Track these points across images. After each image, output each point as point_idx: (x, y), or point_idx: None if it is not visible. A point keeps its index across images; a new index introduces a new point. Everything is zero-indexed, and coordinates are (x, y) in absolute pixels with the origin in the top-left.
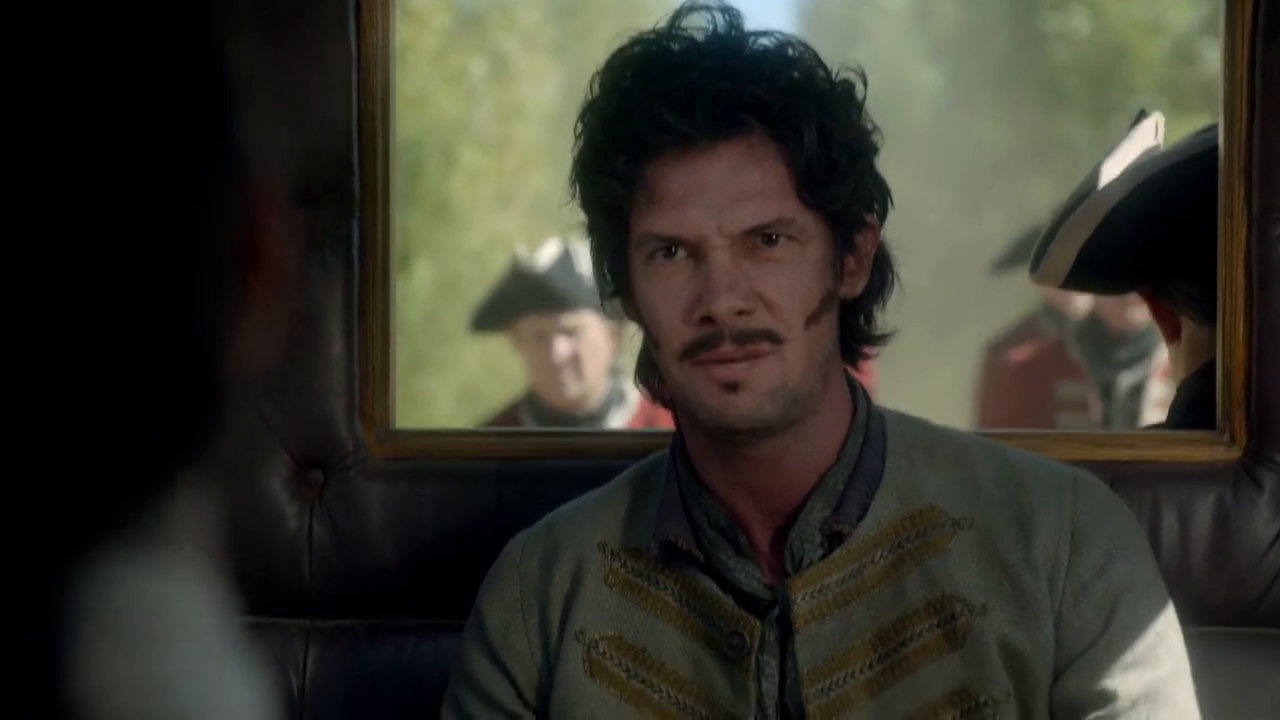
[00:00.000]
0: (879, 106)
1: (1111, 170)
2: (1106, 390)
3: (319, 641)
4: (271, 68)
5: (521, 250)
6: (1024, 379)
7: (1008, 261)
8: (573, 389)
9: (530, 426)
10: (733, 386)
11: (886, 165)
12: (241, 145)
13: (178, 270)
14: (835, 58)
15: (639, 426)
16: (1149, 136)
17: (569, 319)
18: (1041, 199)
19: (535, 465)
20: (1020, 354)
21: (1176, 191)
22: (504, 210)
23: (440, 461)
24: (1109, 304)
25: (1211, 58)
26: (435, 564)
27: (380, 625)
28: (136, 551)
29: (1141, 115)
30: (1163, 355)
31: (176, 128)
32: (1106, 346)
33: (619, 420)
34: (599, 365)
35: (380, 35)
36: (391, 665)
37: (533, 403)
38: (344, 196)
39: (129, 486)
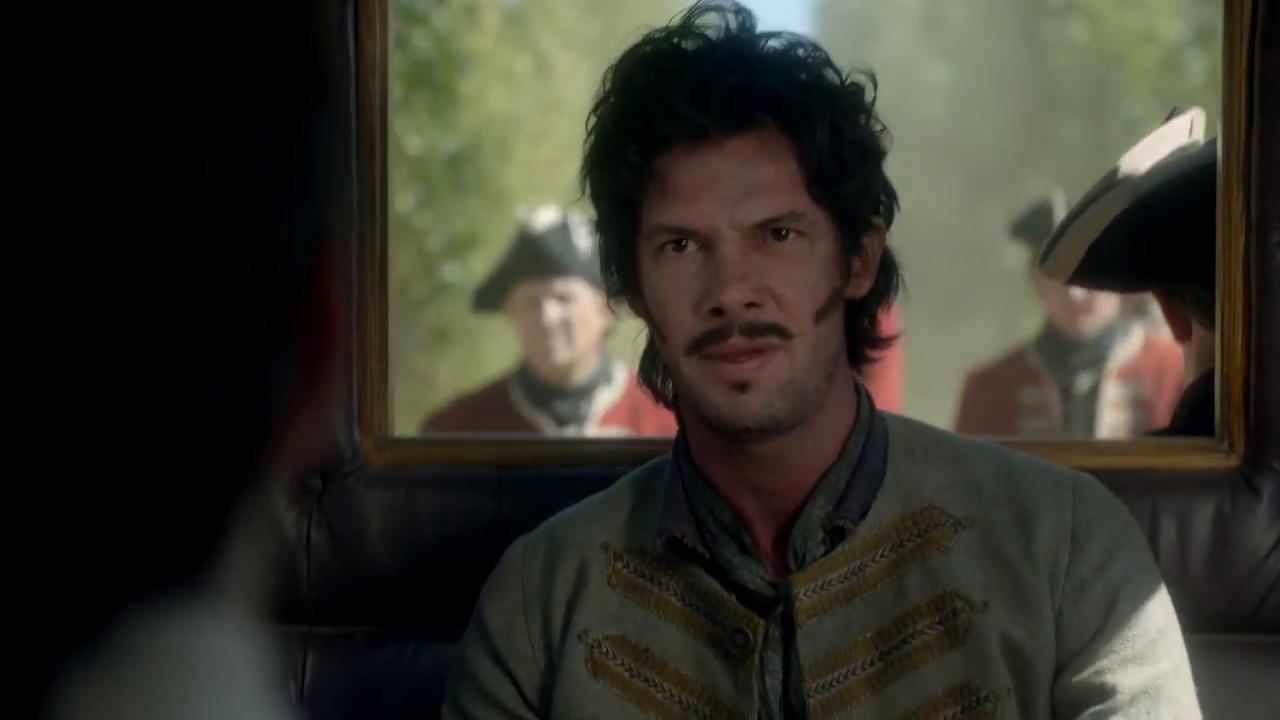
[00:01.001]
0: (891, 103)
1: (1134, 163)
2: (1065, 393)
3: (317, 648)
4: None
5: (522, 210)
6: (986, 387)
7: (1021, 228)
8: (562, 354)
9: (526, 434)
10: (742, 386)
11: (897, 158)
12: (240, 155)
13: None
14: (850, 53)
15: (625, 408)
16: (1182, 134)
17: (561, 284)
18: (1037, 196)
19: (533, 473)
20: (978, 366)
21: (1188, 197)
22: (544, 197)
23: (438, 469)
24: (1061, 313)
25: (1197, 67)
26: (433, 571)
27: (379, 632)
28: (183, 599)
29: (1175, 112)
30: (1117, 359)
31: (174, 132)
32: (1063, 352)
33: (606, 399)
34: (589, 335)
35: (378, 46)
36: (390, 672)
37: (523, 375)
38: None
39: (179, 533)
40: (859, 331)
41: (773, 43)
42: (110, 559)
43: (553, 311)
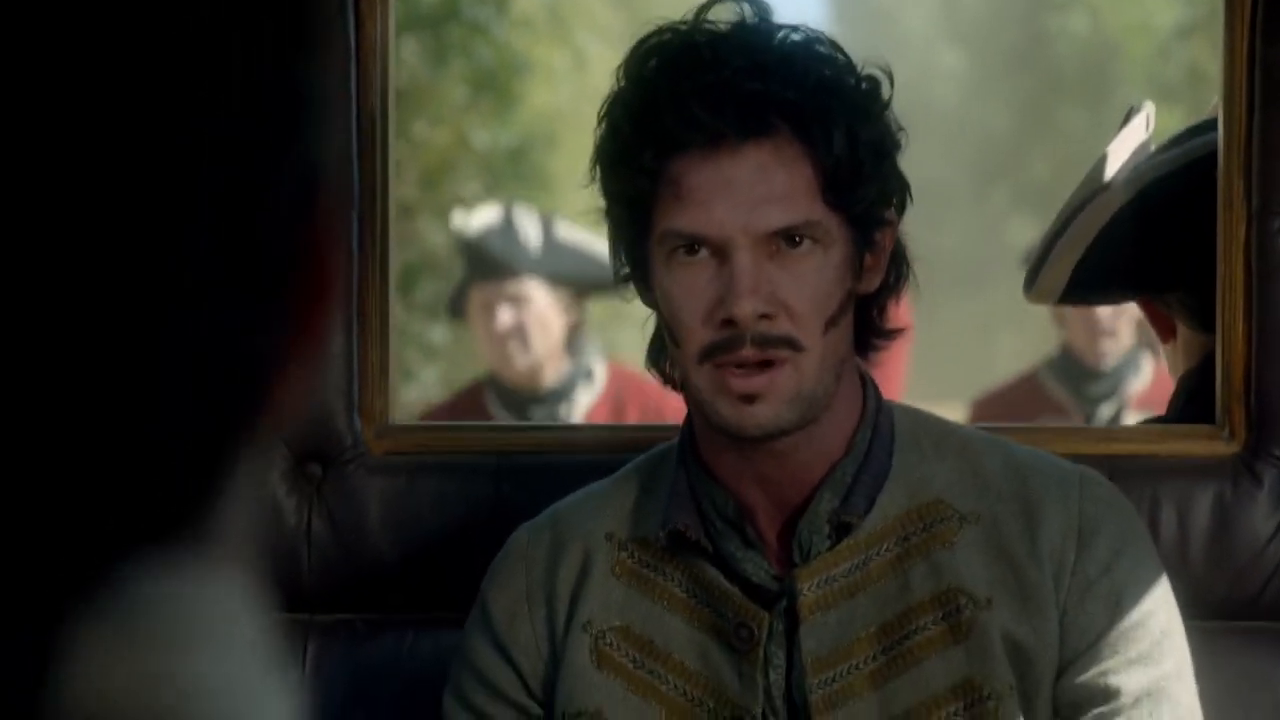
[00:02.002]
0: (908, 85)
1: (1105, 172)
2: (1088, 422)
3: (318, 636)
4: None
5: (459, 215)
6: (998, 415)
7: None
8: (519, 360)
9: (526, 422)
10: (750, 399)
11: (914, 138)
12: (239, 146)
13: (182, 276)
14: (867, 36)
15: (607, 405)
16: (1140, 131)
17: (512, 286)
18: (1041, 178)
19: (533, 460)
20: (985, 392)
21: (1167, 206)
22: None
23: (439, 456)
24: (1082, 338)
25: (1184, 56)
26: (434, 558)
27: (379, 619)
28: (169, 553)
29: (1131, 112)
30: (1134, 388)
31: (173, 128)
32: (1081, 381)
33: (586, 399)
34: (549, 337)
35: (378, 30)
36: (391, 659)
37: (495, 381)
38: (343, 191)
39: (163, 489)
40: (867, 322)
41: (791, 37)
42: (109, 516)
43: (505, 316)
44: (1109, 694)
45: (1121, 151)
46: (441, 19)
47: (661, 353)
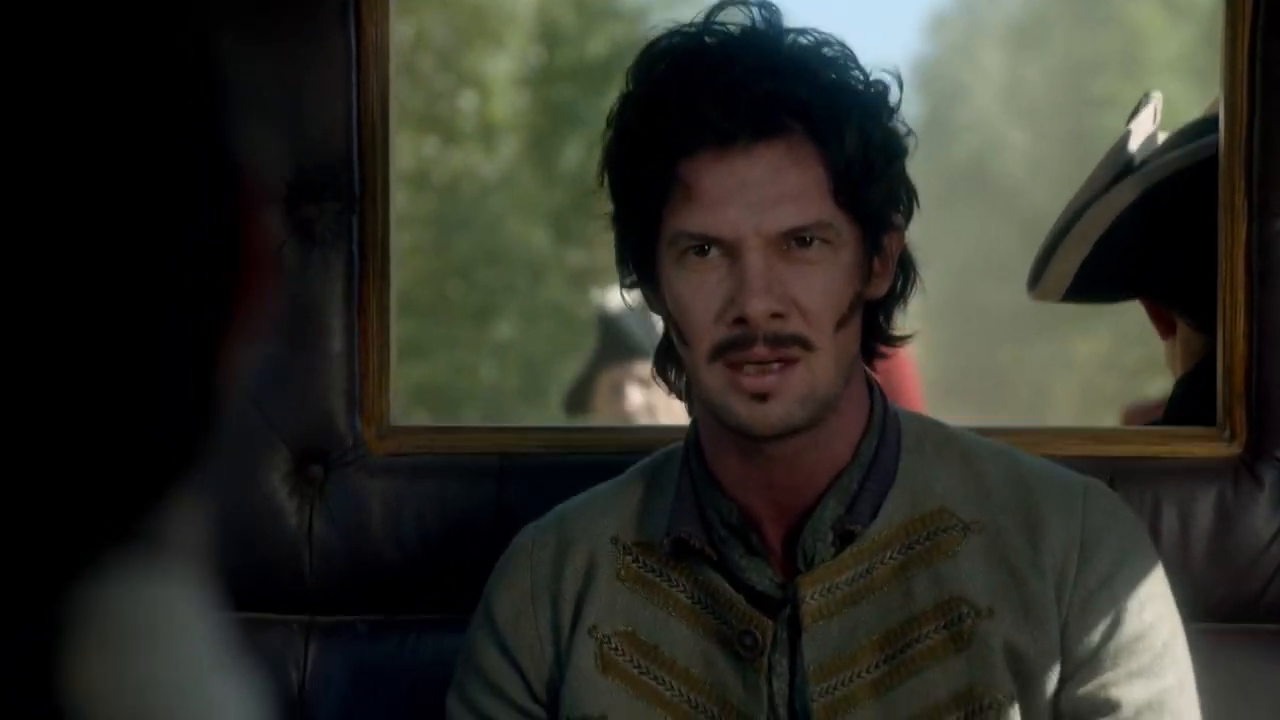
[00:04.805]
0: (977, 157)
1: (1130, 145)
2: None
3: (319, 637)
4: (271, 64)
5: (597, 293)
6: None
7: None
8: None
9: (530, 423)
10: (763, 397)
11: (980, 208)
12: (238, 143)
13: (172, 271)
14: (948, 111)
15: None
16: (1147, 123)
17: (642, 367)
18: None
19: (536, 461)
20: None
21: (1171, 207)
22: None
23: (440, 457)
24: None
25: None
26: (435, 559)
27: (381, 621)
28: (132, 556)
29: (1143, 101)
30: None
31: (172, 125)
32: None
33: None
34: (677, 421)
35: (379, 31)
36: (392, 661)
37: None
38: (344, 192)
39: (126, 492)
40: (874, 328)
41: (800, 40)
42: (60, 520)
43: (635, 396)
44: (1110, 706)
45: (1140, 131)
46: None
47: (668, 361)
